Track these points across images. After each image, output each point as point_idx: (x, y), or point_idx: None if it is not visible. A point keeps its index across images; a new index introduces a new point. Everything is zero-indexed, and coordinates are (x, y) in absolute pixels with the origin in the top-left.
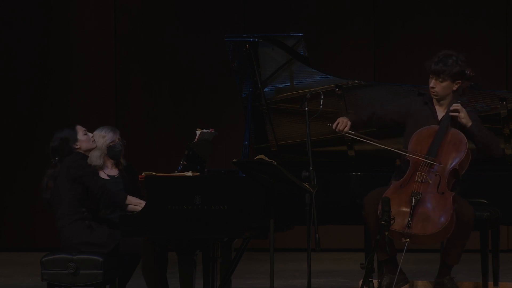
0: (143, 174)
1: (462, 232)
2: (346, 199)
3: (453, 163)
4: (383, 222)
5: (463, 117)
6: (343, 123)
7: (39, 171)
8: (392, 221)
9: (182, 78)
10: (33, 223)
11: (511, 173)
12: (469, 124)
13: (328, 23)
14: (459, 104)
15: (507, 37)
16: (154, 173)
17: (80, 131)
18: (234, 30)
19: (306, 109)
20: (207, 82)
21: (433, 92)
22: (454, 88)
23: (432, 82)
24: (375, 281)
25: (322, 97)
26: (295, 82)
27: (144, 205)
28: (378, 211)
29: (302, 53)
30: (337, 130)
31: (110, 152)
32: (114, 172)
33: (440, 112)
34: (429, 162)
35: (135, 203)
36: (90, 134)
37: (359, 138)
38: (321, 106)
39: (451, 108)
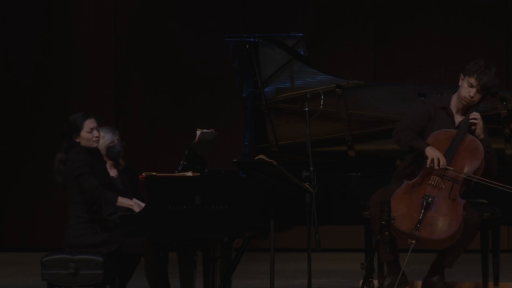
0: (143, 174)
1: (466, 239)
2: (346, 199)
3: (468, 171)
4: (383, 222)
5: (479, 127)
6: (442, 159)
7: (39, 171)
8: (392, 221)
9: (182, 78)
10: (33, 223)
11: (511, 173)
12: (482, 136)
13: (328, 23)
14: (478, 114)
15: (507, 37)
16: (154, 173)
17: (87, 126)
18: (234, 30)
19: (307, 109)
20: (207, 82)
21: (469, 101)
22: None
23: (473, 92)
24: (375, 281)
25: (322, 97)
26: (296, 82)
27: (144, 205)
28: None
29: (302, 53)
30: (440, 167)
31: (109, 153)
32: (113, 173)
33: (457, 118)
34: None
35: (126, 205)
36: (96, 133)
37: (464, 176)
38: (321, 106)
39: (471, 116)
